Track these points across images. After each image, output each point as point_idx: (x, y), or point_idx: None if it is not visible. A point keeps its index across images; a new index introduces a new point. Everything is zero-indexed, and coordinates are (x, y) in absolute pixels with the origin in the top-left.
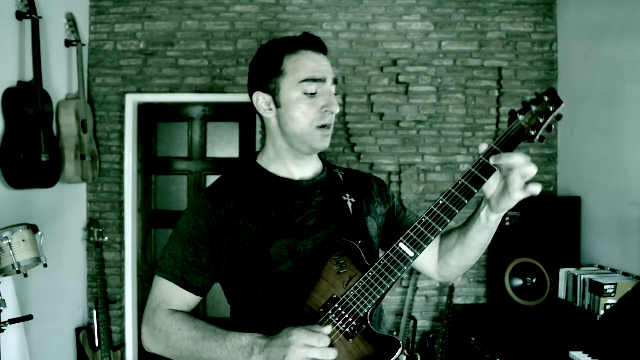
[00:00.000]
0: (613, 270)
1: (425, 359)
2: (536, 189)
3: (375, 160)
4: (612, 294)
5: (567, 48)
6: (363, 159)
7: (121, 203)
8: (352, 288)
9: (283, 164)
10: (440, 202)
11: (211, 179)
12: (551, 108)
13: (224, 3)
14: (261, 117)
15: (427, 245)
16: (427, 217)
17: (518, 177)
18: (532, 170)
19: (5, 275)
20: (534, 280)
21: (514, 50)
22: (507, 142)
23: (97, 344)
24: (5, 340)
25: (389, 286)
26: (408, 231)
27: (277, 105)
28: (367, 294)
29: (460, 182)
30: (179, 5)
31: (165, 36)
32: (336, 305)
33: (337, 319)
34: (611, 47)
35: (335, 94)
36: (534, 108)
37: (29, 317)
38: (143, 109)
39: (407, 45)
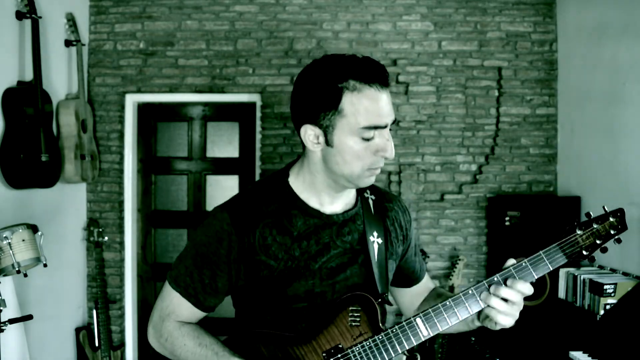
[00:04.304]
0: (613, 270)
1: (425, 359)
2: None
3: None
4: (612, 294)
5: (567, 48)
6: None
7: (121, 203)
8: (359, 345)
9: (317, 194)
10: (470, 292)
11: (211, 179)
12: (613, 232)
13: (224, 3)
14: (303, 145)
15: (442, 328)
16: (450, 302)
17: (510, 316)
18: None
19: (5, 275)
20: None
21: (514, 50)
22: (555, 255)
23: (97, 344)
24: (5, 340)
25: (393, 355)
26: (429, 309)
27: (328, 144)
28: (371, 356)
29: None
30: (179, 5)
31: (165, 36)
32: (339, 355)
33: None
34: (611, 47)
35: (390, 130)
36: (595, 227)
37: (29, 317)
38: (143, 109)
39: (407, 45)
